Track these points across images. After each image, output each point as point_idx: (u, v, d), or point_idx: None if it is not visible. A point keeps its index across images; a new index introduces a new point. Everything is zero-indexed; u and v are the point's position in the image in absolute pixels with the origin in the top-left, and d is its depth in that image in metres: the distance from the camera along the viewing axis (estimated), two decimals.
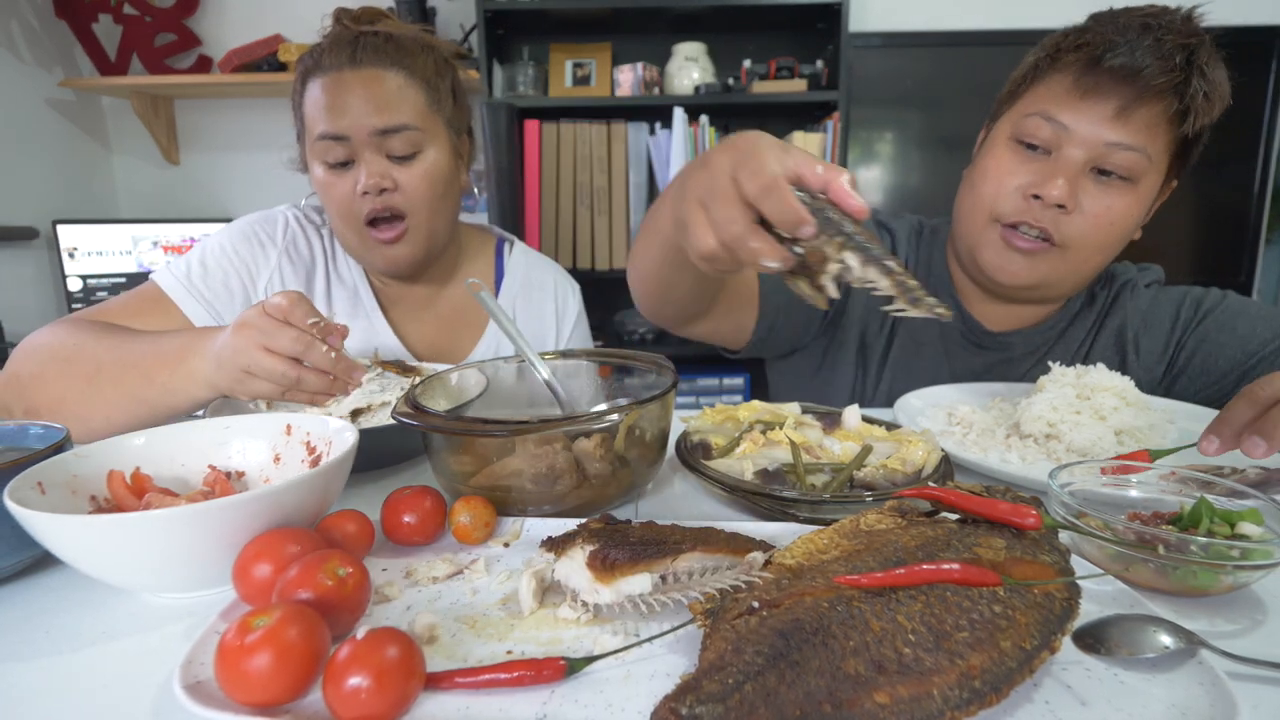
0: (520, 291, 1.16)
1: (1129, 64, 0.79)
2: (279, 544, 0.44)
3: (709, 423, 0.72)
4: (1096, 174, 0.84)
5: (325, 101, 0.93)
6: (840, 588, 0.38)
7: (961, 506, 0.45)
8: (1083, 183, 0.84)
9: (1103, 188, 0.84)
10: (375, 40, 0.95)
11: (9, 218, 2.19)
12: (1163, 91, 0.79)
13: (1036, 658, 0.35)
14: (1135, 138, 0.81)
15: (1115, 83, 0.80)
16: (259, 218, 1.07)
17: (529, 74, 2.33)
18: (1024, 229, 0.87)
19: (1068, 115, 0.83)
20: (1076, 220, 0.84)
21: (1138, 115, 0.81)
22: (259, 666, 0.34)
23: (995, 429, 0.79)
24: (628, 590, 0.42)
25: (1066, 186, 0.82)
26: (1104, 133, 0.82)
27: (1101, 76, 0.81)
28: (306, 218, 1.10)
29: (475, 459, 0.60)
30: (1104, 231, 0.85)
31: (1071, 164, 0.83)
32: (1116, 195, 0.84)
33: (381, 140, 0.93)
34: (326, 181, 0.96)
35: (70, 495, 0.51)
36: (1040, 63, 0.88)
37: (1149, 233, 0.93)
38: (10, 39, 2.22)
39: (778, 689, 0.32)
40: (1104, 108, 0.81)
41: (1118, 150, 0.82)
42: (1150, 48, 0.79)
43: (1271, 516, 0.49)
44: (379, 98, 0.93)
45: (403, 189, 0.96)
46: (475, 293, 0.77)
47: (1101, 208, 0.84)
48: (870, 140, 2.50)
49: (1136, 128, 0.81)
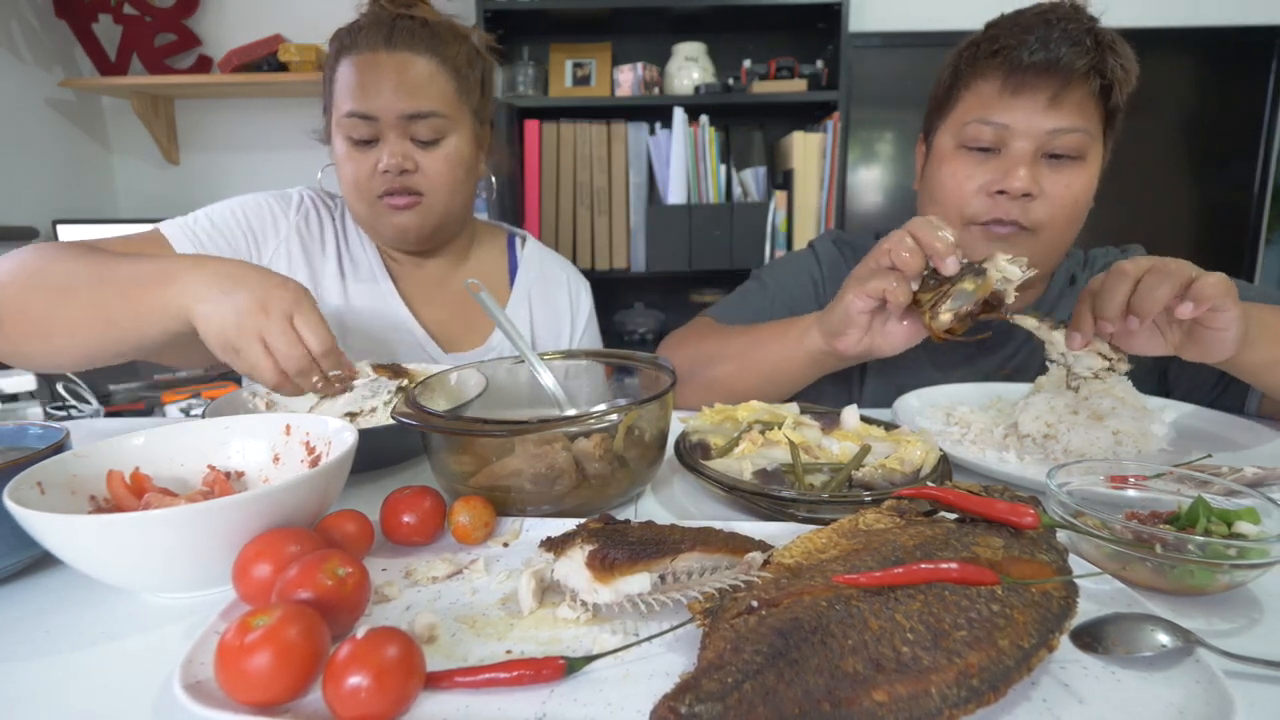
0: (536, 283, 1.17)
1: (1048, 56, 0.86)
2: (279, 544, 0.44)
3: (708, 423, 0.72)
4: (1048, 159, 0.89)
5: (356, 80, 0.94)
6: (839, 587, 0.38)
7: (960, 506, 0.45)
8: (1038, 170, 0.89)
9: (1057, 170, 0.89)
10: (411, 24, 0.96)
11: (9, 218, 2.19)
12: (1085, 73, 0.85)
13: (1034, 656, 0.35)
14: (1073, 120, 0.87)
15: (1040, 76, 0.86)
16: (273, 193, 1.08)
17: (529, 74, 2.33)
18: (994, 227, 0.91)
19: (1005, 115, 0.89)
20: (1042, 204, 0.89)
21: (1069, 99, 0.87)
22: (259, 666, 0.34)
23: (993, 429, 0.79)
24: (627, 590, 0.42)
25: (1027, 175, 0.88)
26: (1043, 122, 0.87)
27: (1026, 73, 0.87)
28: (321, 199, 1.11)
29: (475, 459, 0.60)
30: (1069, 209, 0.90)
31: (1023, 155, 0.88)
32: (1071, 174, 0.89)
33: (408, 124, 0.95)
34: (348, 156, 0.97)
35: (70, 495, 0.51)
36: (960, 73, 0.94)
37: (1150, 232, 0.95)
38: (10, 39, 2.22)
39: (776, 687, 0.32)
40: (1037, 100, 0.87)
41: (1060, 135, 0.87)
42: (1060, 38, 0.86)
43: (1268, 515, 0.49)
44: (410, 82, 0.94)
45: (423, 171, 0.97)
46: (474, 293, 0.77)
47: (1061, 187, 0.89)
48: (870, 140, 2.50)
49: (1071, 110, 0.87)
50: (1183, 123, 2.47)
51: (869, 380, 1.07)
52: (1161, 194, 2.50)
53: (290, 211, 1.06)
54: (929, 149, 1.01)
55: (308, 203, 1.09)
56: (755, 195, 2.38)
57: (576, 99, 2.34)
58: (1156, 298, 0.65)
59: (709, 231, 2.30)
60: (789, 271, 1.11)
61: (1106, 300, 0.68)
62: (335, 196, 1.11)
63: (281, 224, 1.05)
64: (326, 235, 1.08)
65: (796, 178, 2.31)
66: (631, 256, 2.38)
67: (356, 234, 1.09)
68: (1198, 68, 2.44)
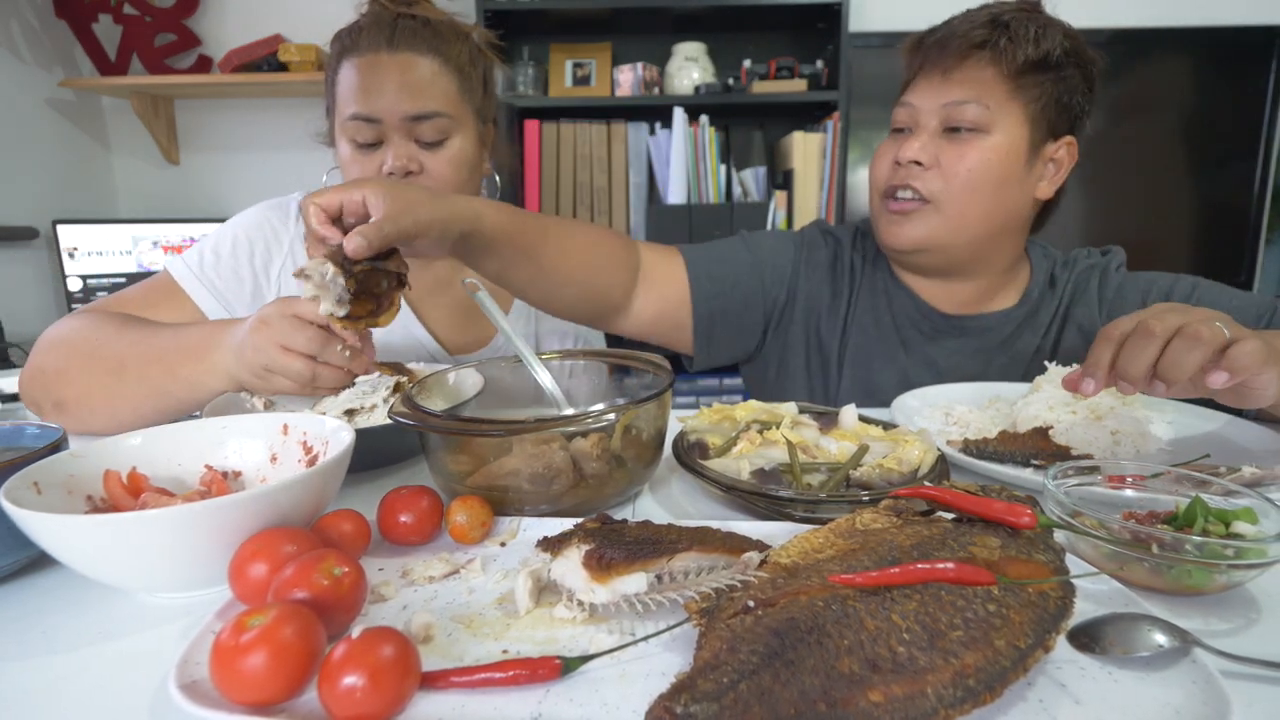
0: None
1: (944, 34, 0.93)
2: (275, 543, 0.44)
3: (706, 422, 0.72)
4: (949, 132, 0.93)
5: (359, 83, 0.94)
6: (835, 587, 0.38)
7: (957, 506, 0.45)
8: (940, 144, 0.93)
9: (956, 143, 0.93)
10: (413, 24, 0.96)
11: (9, 218, 2.19)
12: (976, 45, 0.90)
13: (1031, 656, 0.35)
14: (966, 91, 0.91)
15: (936, 53, 0.93)
16: (270, 205, 1.07)
17: (529, 74, 2.33)
18: (900, 194, 0.95)
19: (913, 95, 0.96)
20: (935, 174, 0.93)
21: (960, 72, 0.92)
22: (254, 666, 0.34)
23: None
24: (623, 589, 0.42)
25: (917, 145, 0.93)
26: (939, 96, 0.93)
27: (928, 53, 0.94)
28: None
29: (472, 459, 0.60)
30: (963, 179, 0.92)
31: (925, 130, 0.94)
32: (968, 146, 0.92)
33: (412, 125, 0.94)
34: (353, 159, 0.97)
35: (66, 495, 0.51)
36: (907, 73, 1.01)
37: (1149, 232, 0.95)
38: (10, 39, 2.22)
39: (772, 688, 0.32)
40: (934, 76, 0.94)
41: (955, 107, 0.91)
42: (961, 20, 0.93)
43: (1266, 516, 0.49)
44: (413, 84, 0.94)
45: (428, 173, 0.97)
46: (472, 293, 0.77)
47: (954, 158, 0.92)
48: (870, 140, 2.50)
49: (963, 81, 0.91)
50: (1183, 123, 2.47)
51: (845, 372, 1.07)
52: (1161, 194, 2.50)
53: (290, 221, 1.06)
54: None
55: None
56: (755, 195, 2.38)
57: (576, 99, 2.34)
58: (1186, 366, 0.60)
59: (709, 231, 2.30)
60: (769, 243, 1.09)
61: (1131, 361, 0.62)
62: None
63: (283, 235, 1.05)
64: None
65: (796, 178, 2.31)
66: None
67: None
68: (1198, 68, 2.44)
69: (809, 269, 1.08)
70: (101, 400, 0.79)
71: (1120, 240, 1.11)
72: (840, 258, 1.09)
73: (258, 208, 1.07)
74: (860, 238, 1.12)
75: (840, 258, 1.09)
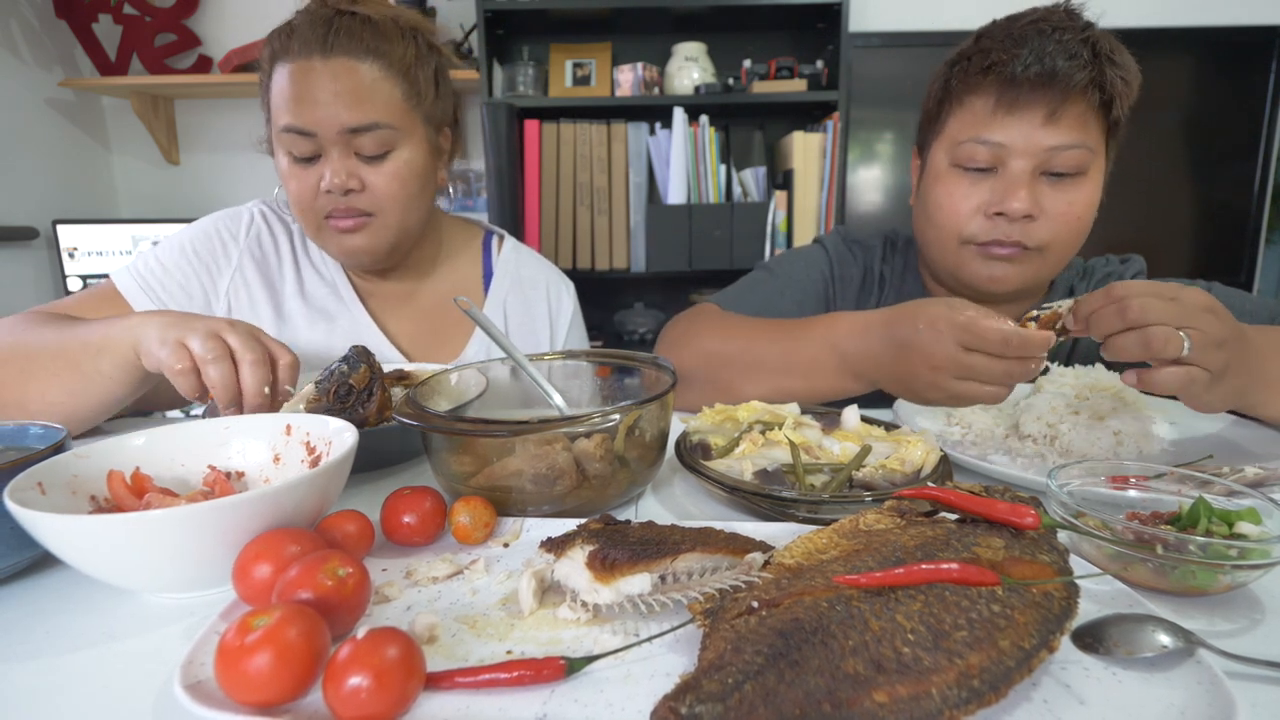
0: (511, 289, 1.12)
1: (1043, 70, 0.81)
2: (279, 544, 0.44)
3: (708, 423, 0.72)
4: (1048, 177, 0.86)
5: (292, 92, 0.86)
6: (839, 587, 0.38)
7: (960, 506, 0.45)
8: (1039, 188, 0.86)
9: (1058, 188, 0.86)
10: (352, 24, 0.87)
11: (9, 218, 2.19)
12: (1085, 87, 0.81)
13: (1035, 657, 0.35)
14: (1072, 136, 0.83)
15: (1036, 91, 0.83)
16: (224, 215, 1.04)
17: (529, 74, 2.33)
18: (993, 248, 0.89)
19: (1001, 133, 0.85)
20: (1044, 224, 0.86)
21: (1067, 115, 0.83)
22: (259, 666, 0.34)
23: (994, 429, 0.79)
24: (627, 590, 0.42)
25: (1027, 196, 0.85)
26: (1041, 139, 0.84)
27: (1021, 89, 0.83)
28: (276, 214, 1.06)
29: (475, 459, 0.60)
30: (1072, 227, 0.88)
31: (1022, 175, 0.85)
32: (1074, 190, 0.86)
33: (350, 138, 0.88)
34: (290, 174, 0.91)
35: (70, 495, 0.51)
36: (951, 88, 0.90)
37: (1149, 232, 0.94)
38: (10, 39, 2.22)
39: (777, 688, 0.32)
40: (1034, 117, 0.84)
41: (1059, 152, 0.84)
42: (1055, 50, 0.81)
43: (1269, 516, 0.49)
44: (351, 92, 0.86)
45: (370, 190, 0.91)
46: (464, 309, 0.75)
47: (1064, 206, 0.86)
48: (870, 140, 2.51)
49: (1070, 126, 0.83)
50: (1183, 123, 2.47)
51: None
52: (1162, 194, 2.50)
53: (241, 234, 1.02)
54: (923, 164, 0.98)
55: (259, 220, 1.03)
56: (755, 195, 2.38)
57: (576, 99, 2.34)
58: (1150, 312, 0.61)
59: (709, 231, 2.30)
60: (799, 264, 1.08)
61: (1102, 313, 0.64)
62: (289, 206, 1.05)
63: (232, 250, 1.00)
64: (283, 252, 1.03)
65: (796, 178, 2.32)
66: (631, 256, 2.39)
67: (317, 248, 1.04)
68: (1198, 68, 2.44)
69: (841, 285, 1.07)
70: (12, 397, 0.74)
71: (1120, 240, 1.12)
72: (870, 271, 1.08)
73: (210, 218, 1.03)
74: (890, 250, 1.09)
75: (870, 271, 1.08)
